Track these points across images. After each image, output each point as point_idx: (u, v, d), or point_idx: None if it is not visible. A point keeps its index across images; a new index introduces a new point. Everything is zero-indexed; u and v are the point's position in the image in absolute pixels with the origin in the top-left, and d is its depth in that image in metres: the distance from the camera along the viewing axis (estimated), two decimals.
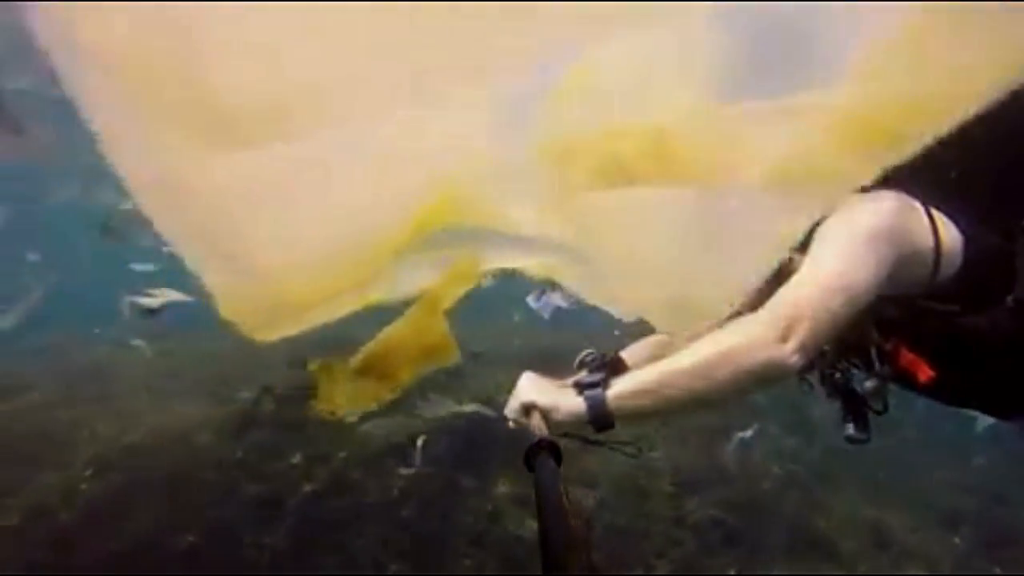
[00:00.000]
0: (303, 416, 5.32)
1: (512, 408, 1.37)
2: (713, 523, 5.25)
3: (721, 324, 1.49)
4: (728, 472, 5.65)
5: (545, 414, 1.28)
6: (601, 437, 1.30)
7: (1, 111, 4.26)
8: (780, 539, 5.45)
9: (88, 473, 4.80)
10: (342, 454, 5.06)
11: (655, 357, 1.34)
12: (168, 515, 4.56)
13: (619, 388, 1.24)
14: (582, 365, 1.59)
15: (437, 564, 4.82)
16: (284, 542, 4.72)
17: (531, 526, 4.53)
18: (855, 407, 1.48)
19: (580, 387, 1.28)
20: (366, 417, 5.43)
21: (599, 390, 1.24)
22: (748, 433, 5.71)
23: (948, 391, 1.44)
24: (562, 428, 1.27)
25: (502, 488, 4.93)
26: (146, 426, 5.12)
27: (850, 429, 1.49)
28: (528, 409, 1.31)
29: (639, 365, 1.39)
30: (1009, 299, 1.31)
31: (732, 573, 5.11)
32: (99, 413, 5.52)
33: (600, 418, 1.23)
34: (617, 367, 1.57)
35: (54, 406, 6.06)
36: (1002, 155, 1.37)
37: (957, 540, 5.74)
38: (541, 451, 1.05)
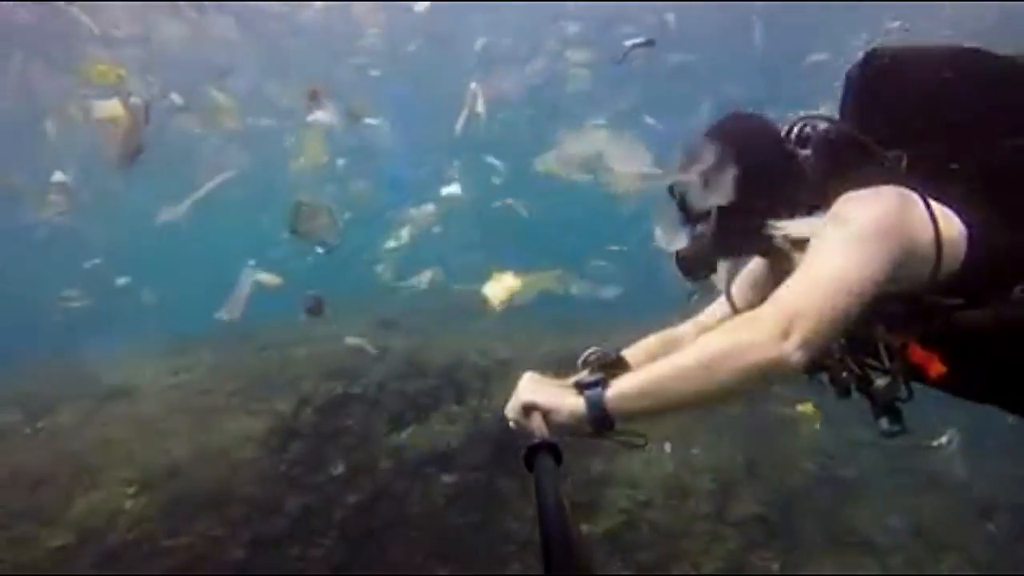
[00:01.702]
0: (342, 426, 5.32)
1: (513, 408, 1.35)
2: (755, 519, 5.27)
3: (722, 322, 1.46)
4: (767, 469, 5.68)
5: (546, 415, 1.27)
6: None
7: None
8: (820, 533, 5.47)
9: (131, 492, 4.77)
10: (385, 464, 5.06)
11: (657, 356, 1.33)
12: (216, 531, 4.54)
13: (619, 388, 1.22)
14: (585, 364, 1.56)
15: (483, 570, 4.81)
16: (331, 554, 4.72)
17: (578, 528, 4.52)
18: (882, 402, 1.45)
19: (580, 387, 1.27)
20: (404, 426, 5.44)
21: (599, 390, 1.22)
22: (944, 439, 5.65)
23: (961, 386, 1.43)
24: (563, 429, 1.25)
25: None
26: (185, 444, 5.10)
27: (884, 424, 1.46)
28: (529, 410, 1.30)
29: (641, 364, 1.36)
30: (1018, 289, 1.28)
31: (776, 568, 5.13)
32: (133, 432, 5.47)
33: (600, 418, 1.21)
34: (619, 366, 1.54)
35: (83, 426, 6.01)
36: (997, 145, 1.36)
37: (992, 529, 5.76)
38: (541, 451, 1.04)
